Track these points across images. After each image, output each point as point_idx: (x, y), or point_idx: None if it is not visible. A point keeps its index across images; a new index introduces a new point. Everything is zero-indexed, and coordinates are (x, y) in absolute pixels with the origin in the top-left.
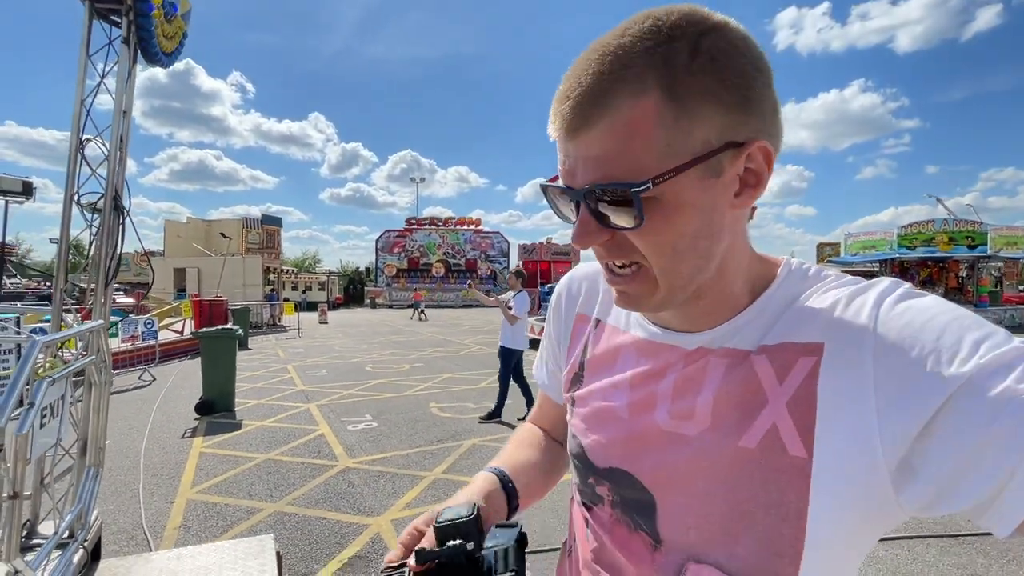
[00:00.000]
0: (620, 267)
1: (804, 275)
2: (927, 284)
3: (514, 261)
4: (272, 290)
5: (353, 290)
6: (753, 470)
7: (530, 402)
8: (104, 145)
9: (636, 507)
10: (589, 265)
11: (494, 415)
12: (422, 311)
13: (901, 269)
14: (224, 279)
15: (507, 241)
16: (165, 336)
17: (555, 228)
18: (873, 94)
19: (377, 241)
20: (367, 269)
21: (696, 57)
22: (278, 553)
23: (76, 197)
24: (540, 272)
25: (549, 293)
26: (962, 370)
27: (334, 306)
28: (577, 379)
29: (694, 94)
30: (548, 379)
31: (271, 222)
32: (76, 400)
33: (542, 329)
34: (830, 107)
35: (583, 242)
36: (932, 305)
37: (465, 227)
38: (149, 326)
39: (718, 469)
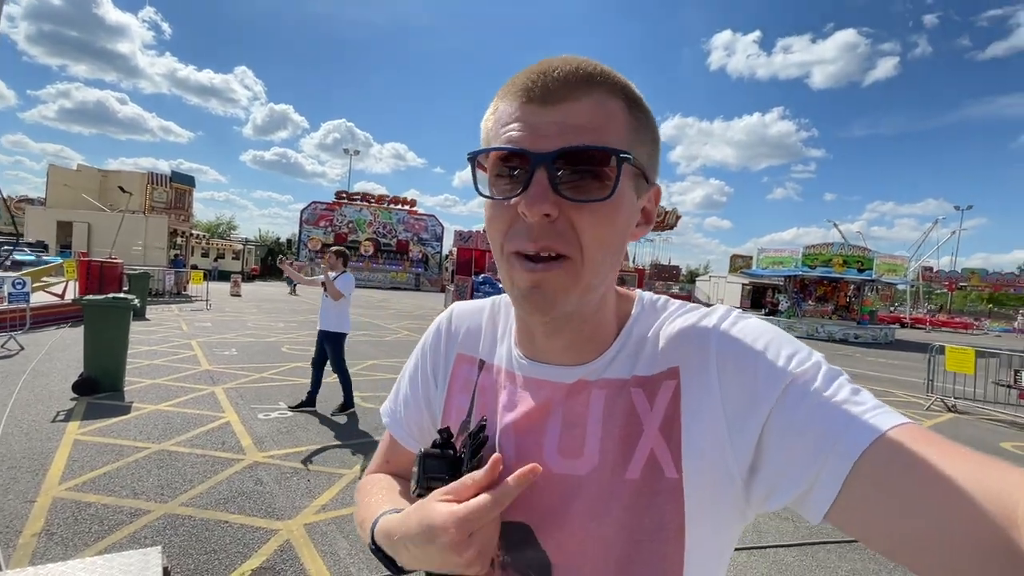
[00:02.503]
0: (544, 257)
1: (654, 306)
2: (821, 300)
3: (448, 247)
4: (178, 255)
5: (271, 262)
6: (640, 500)
7: (349, 392)
8: None
9: (532, 565)
10: (469, 303)
11: (307, 404)
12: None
13: (802, 285)
14: (121, 238)
15: (442, 225)
16: (40, 299)
17: None
18: (789, 122)
19: (302, 212)
20: (288, 241)
21: (639, 100)
22: (165, 569)
23: None
24: (474, 260)
25: (483, 283)
26: (778, 386)
27: (249, 278)
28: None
29: (641, 121)
30: (403, 425)
31: (182, 180)
32: None
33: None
34: (752, 129)
35: (537, 207)
36: (756, 326)
37: (399, 207)
38: (19, 286)
39: (610, 507)
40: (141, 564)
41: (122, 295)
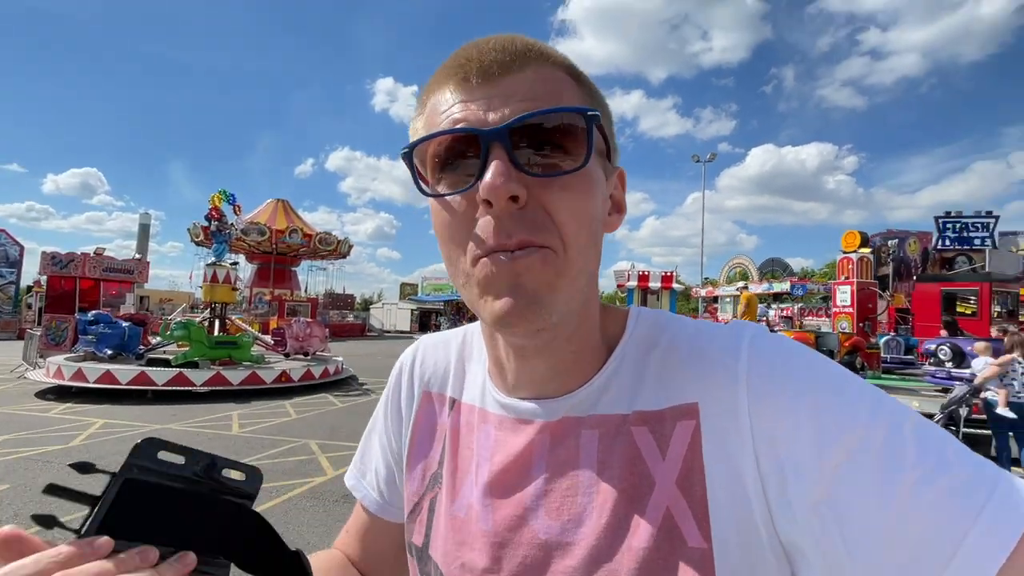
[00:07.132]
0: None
1: (656, 323)
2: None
3: (31, 275)
4: None
5: None
6: (652, 574)
7: None
8: None
9: None
10: (437, 335)
11: None
12: None
13: (458, 308)
14: None
15: (19, 245)
16: None
17: (111, 236)
18: None
19: None
20: None
21: (583, 75)
22: None
23: None
24: (80, 293)
25: (94, 323)
26: (842, 445)
27: None
28: (435, 479)
29: (591, 93)
30: (374, 487)
31: None
32: None
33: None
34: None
35: (501, 188)
36: (800, 353)
37: None
38: None
39: None
40: None
41: None
